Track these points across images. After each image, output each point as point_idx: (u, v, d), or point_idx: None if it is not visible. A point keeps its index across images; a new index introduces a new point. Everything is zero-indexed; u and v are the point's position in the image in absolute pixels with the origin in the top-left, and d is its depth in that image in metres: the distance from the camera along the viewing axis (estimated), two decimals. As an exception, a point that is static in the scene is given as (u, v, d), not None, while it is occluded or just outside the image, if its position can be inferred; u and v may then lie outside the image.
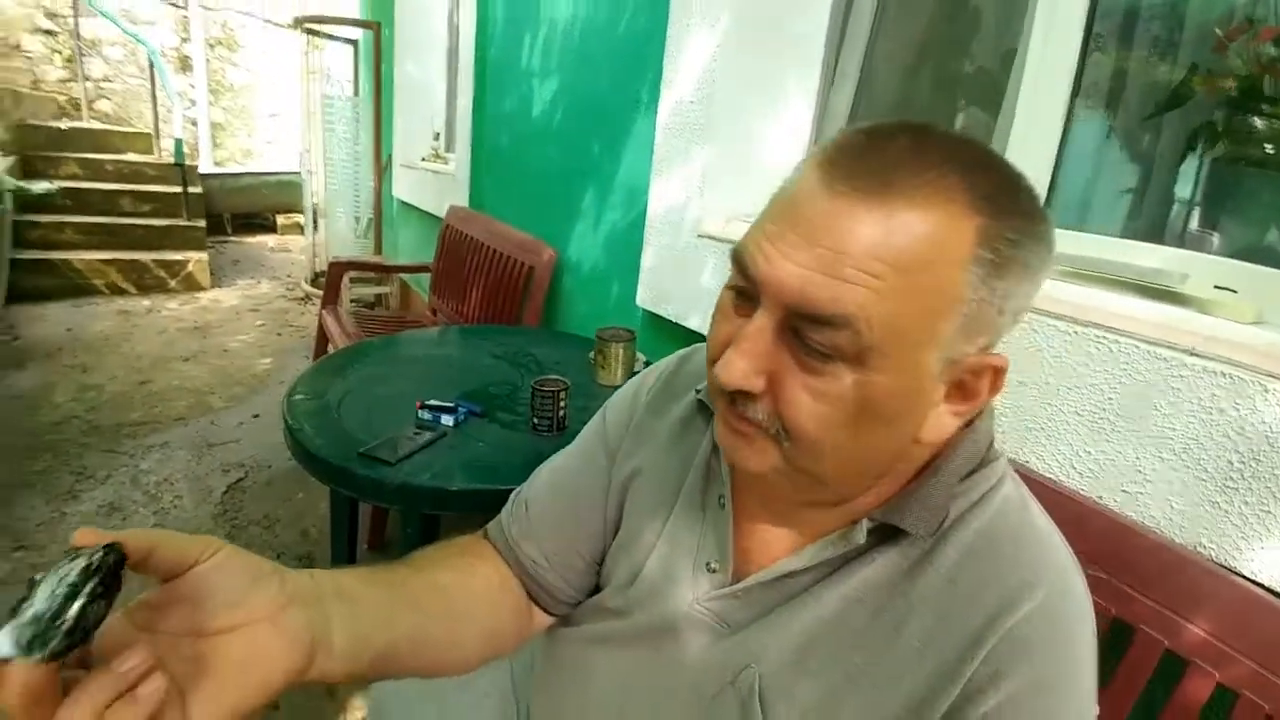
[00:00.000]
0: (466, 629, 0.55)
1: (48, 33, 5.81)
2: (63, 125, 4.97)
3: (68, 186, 4.07)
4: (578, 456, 0.64)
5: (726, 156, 1.43)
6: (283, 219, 6.49)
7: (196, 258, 4.33)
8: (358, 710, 1.34)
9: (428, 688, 0.77)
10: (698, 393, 0.58)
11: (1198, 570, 0.67)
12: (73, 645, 0.30)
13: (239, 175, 6.29)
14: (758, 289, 0.40)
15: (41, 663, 0.29)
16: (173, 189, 4.56)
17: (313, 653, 0.39)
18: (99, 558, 0.32)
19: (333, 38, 4.31)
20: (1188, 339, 0.73)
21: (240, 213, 6.18)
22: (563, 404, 1.17)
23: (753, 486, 0.52)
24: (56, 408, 2.51)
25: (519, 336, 1.80)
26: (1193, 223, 0.95)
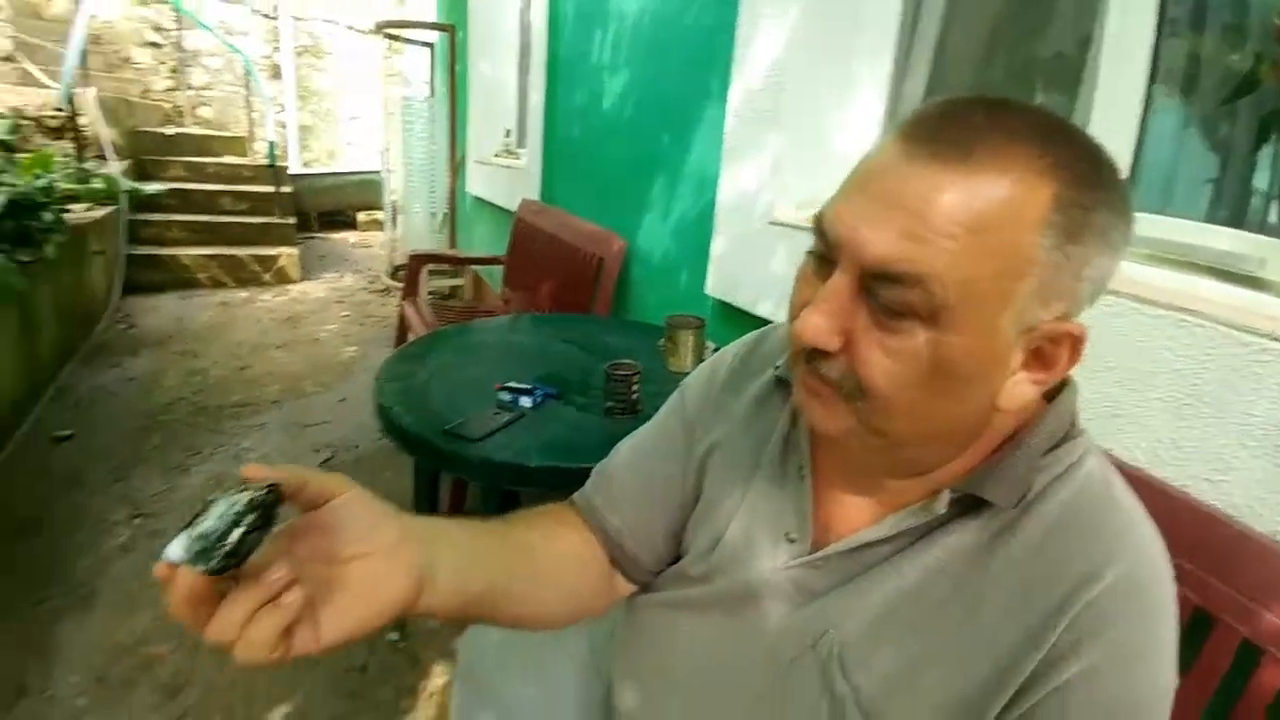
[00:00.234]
0: (551, 587, 0.59)
1: (154, 45, 6.31)
2: (169, 131, 5.39)
3: (174, 188, 4.42)
4: (657, 432, 0.67)
5: (798, 144, 1.42)
6: (363, 216, 6.83)
7: (287, 253, 4.63)
8: (439, 676, 1.42)
9: (513, 653, 0.81)
10: (776, 369, 0.59)
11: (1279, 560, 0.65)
12: (229, 566, 0.35)
13: (324, 175, 6.65)
14: (835, 251, 0.42)
15: (203, 575, 0.35)
16: (266, 189, 4.88)
17: (421, 586, 0.44)
18: (261, 495, 0.37)
19: (411, 41, 4.49)
20: (1269, 324, 0.71)
21: (325, 210, 6.54)
22: (636, 387, 1.20)
23: (832, 456, 0.53)
24: (167, 390, 2.75)
25: (589, 324, 1.85)
26: (1272, 208, 0.91)
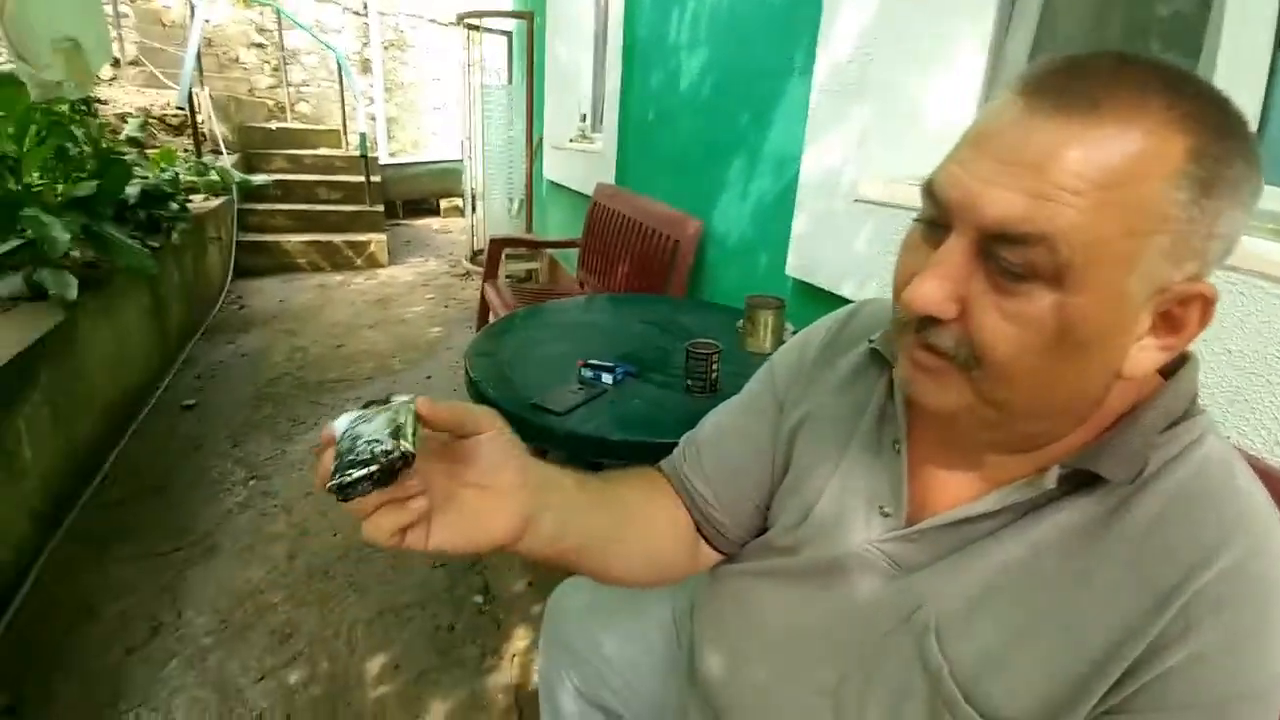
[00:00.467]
0: (639, 549, 0.61)
1: (259, 46, 6.77)
2: (272, 126, 5.79)
3: (277, 179, 4.75)
4: (745, 404, 0.67)
5: (888, 116, 1.37)
6: (445, 203, 7.11)
7: (377, 239, 4.89)
8: (520, 639, 1.49)
9: (596, 617, 0.84)
10: (871, 342, 0.58)
11: None
12: (372, 477, 0.39)
13: (408, 164, 6.96)
14: (950, 215, 0.40)
15: (334, 487, 0.39)
16: (357, 178, 5.17)
17: (524, 530, 0.47)
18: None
19: (490, 30, 4.61)
20: None
21: (410, 198, 6.85)
22: (715, 366, 1.20)
23: (933, 430, 0.52)
24: (274, 365, 2.98)
25: (665, 305, 1.86)
26: None
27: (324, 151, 5.58)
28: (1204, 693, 0.39)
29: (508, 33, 4.73)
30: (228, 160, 4.50)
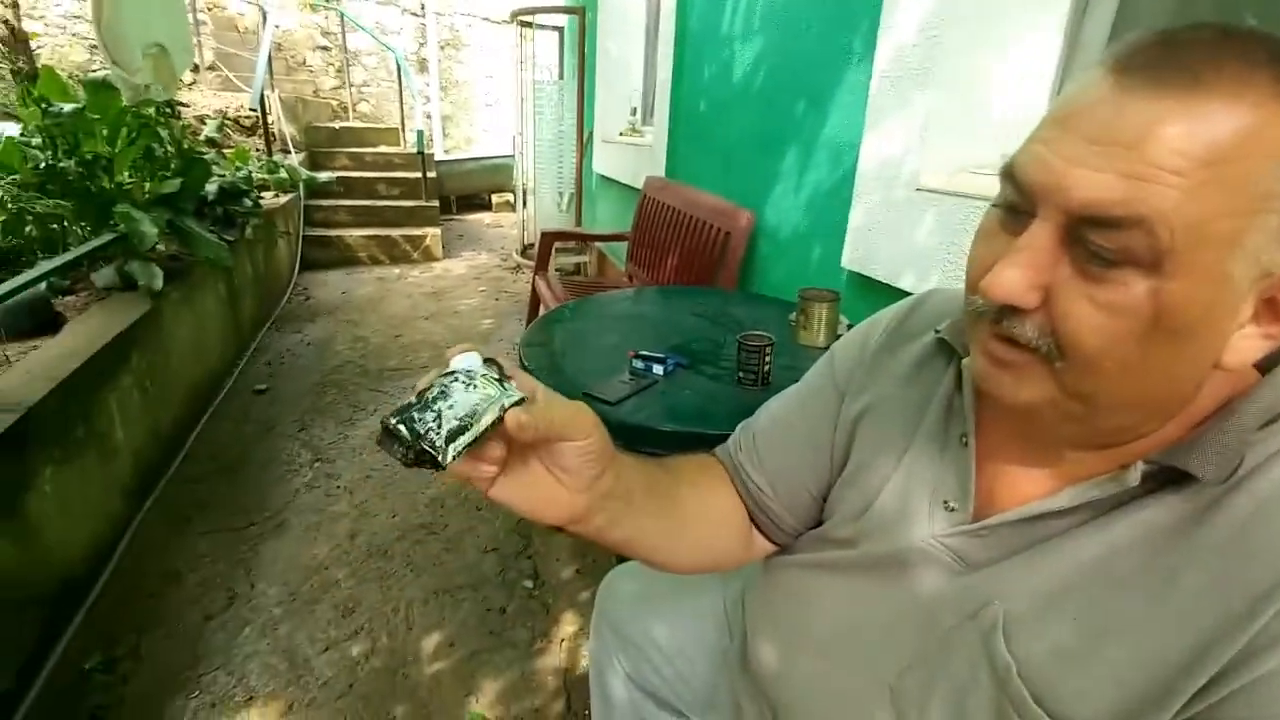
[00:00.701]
0: (690, 539, 0.61)
1: (324, 49, 7.04)
2: (335, 125, 6.02)
3: (340, 176, 4.94)
4: (805, 394, 0.66)
5: (953, 102, 1.33)
6: (497, 198, 7.25)
7: (432, 233, 5.03)
8: (569, 624, 1.51)
9: (648, 603, 0.85)
10: (937, 332, 0.57)
11: None
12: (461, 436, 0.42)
13: (462, 161, 7.12)
14: (1034, 199, 0.38)
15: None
16: (413, 175, 5.32)
17: (582, 519, 0.50)
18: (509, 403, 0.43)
19: (542, 27, 4.66)
20: None
21: (463, 194, 7.01)
22: (768, 359, 1.19)
23: (1005, 424, 0.50)
24: (337, 354, 3.11)
25: (716, 298, 1.85)
26: None
27: (383, 149, 5.78)
28: None
29: (559, 28, 4.78)
30: (295, 159, 4.71)
